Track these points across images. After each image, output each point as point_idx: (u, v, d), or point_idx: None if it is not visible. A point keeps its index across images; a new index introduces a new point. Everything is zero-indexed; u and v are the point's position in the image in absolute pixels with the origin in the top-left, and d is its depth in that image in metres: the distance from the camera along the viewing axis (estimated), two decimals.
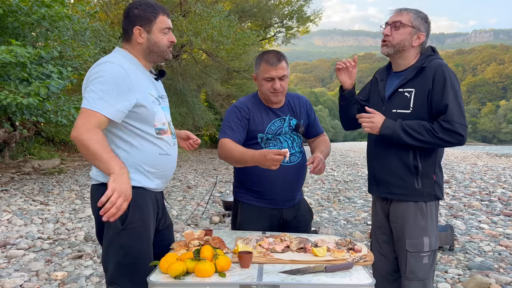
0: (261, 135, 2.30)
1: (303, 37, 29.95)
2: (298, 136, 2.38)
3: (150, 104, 1.82)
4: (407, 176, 2.03)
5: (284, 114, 2.35)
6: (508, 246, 4.74)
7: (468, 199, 7.94)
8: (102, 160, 1.63)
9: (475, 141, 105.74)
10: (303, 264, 1.66)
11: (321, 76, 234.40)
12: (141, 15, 1.84)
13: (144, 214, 1.81)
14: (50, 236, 4.76)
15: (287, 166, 2.29)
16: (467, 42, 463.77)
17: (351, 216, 6.45)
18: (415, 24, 2.03)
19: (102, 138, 1.66)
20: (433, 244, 2.05)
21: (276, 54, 2.25)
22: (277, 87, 2.22)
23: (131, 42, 1.88)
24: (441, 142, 1.92)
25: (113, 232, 1.76)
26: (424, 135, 1.92)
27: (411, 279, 2.04)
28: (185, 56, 17.88)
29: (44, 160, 9.51)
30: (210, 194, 6.72)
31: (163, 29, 1.87)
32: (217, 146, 2.36)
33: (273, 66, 2.20)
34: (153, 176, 1.86)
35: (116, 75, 1.72)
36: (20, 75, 5.81)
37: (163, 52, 1.90)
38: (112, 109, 1.69)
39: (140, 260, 1.77)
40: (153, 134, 1.84)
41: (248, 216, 2.33)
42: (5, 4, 6.23)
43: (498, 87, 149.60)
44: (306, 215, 2.47)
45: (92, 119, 1.66)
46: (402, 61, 2.09)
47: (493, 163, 17.93)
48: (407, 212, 2.05)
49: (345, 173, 12.95)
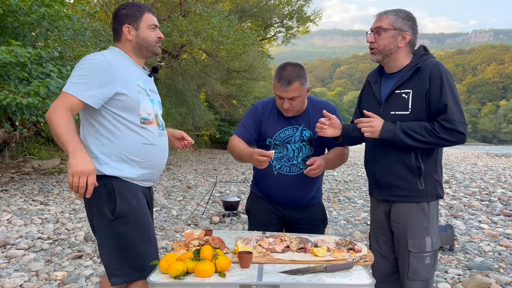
0: (269, 140, 2.33)
1: (303, 37, 29.94)
2: (307, 148, 2.33)
3: (134, 93, 1.89)
4: (410, 177, 2.01)
5: (298, 123, 2.32)
6: (508, 246, 4.74)
7: (468, 199, 7.94)
8: (61, 140, 1.73)
9: (475, 141, 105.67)
10: (303, 264, 1.66)
11: (321, 76, 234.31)
12: (128, 14, 1.97)
13: (133, 202, 1.87)
14: (50, 236, 4.76)
15: (285, 175, 2.31)
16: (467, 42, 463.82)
17: (351, 216, 6.44)
18: (396, 25, 2.00)
19: (68, 120, 1.75)
20: (435, 244, 2.04)
21: (290, 73, 2.16)
22: (286, 107, 2.22)
23: (121, 41, 2.00)
24: (442, 141, 1.91)
25: (104, 222, 1.82)
26: (425, 136, 1.90)
27: (414, 279, 2.03)
28: (185, 56, 17.88)
29: (44, 160, 9.51)
30: (210, 194, 6.72)
31: (149, 25, 2.00)
32: (217, 147, 2.41)
33: (282, 87, 2.17)
34: (137, 165, 1.91)
35: (96, 64, 1.83)
36: (20, 74, 5.80)
37: (152, 47, 2.01)
38: (86, 93, 1.79)
39: (135, 245, 1.82)
40: (137, 123, 1.90)
41: (256, 206, 2.45)
42: (5, 4, 6.23)
43: (498, 87, 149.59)
44: (316, 220, 2.44)
45: (65, 101, 1.78)
46: (394, 63, 2.07)
47: (493, 163, 17.93)
48: (410, 212, 2.04)
49: (345, 173, 12.95)
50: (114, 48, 2.02)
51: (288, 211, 2.39)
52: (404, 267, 2.06)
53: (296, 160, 2.31)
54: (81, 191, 1.71)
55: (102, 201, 1.83)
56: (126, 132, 1.88)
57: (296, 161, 2.31)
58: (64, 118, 1.74)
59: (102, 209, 1.83)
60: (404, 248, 2.05)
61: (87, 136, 1.90)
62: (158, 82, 16.00)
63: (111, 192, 1.83)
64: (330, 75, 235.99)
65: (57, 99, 1.80)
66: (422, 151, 2.01)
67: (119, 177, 1.86)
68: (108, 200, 1.83)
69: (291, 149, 2.31)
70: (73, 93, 1.78)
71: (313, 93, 2.54)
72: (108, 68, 1.83)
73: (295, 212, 2.39)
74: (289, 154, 2.30)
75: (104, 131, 1.87)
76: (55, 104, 1.78)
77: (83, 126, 1.92)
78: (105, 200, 1.83)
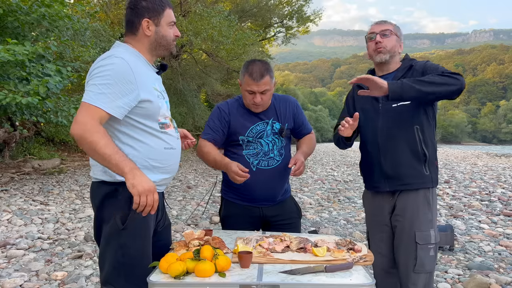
0: (241, 137, 2.35)
1: (303, 37, 29.94)
2: (280, 140, 2.38)
3: (155, 99, 1.79)
4: (417, 164, 2.13)
5: (267, 117, 2.37)
6: (508, 246, 4.74)
7: (468, 199, 7.94)
8: (110, 161, 1.61)
9: (475, 141, 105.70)
10: (303, 264, 1.66)
11: (321, 76, 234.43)
12: (150, 7, 1.81)
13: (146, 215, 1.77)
14: (50, 236, 4.76)
15: (265, 169, 2.34)
16: (467, 42, 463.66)
17: (351, 216, 6.45)
18: (398, 33, 2.21)
19: (108, 137, 1.64)
20: (437, 236, 2.16)
21: (260, 68, 2.24)
22: (258, 101, 2.26)
23: (136, 35, 1.83)
24: (447, 84, 1.97)
25: (112, 231, 1.73)
26: (431, 78, 1.98)
27: (420, 272, 2.10)
28: (185, 56, 17.89)
29: (44, 160, 9.52)
30: (210, 194, 6.71)
31: (169, 22, 1.86)
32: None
33: (255, 81, 2.22)
34: (158, 171, 1.83)
35: (119, 70, 1.67)
36: (19, 74, 5.80)
37: (169, 45, 1.88)
38: (112, 104, 1.65)
39: (138, 260, 1.75)
40: (157, 128, 1.81)
41: (230, 212, 2.44)
42: (5, 4, 6.23)
43: (498, 87, 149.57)
44: (292, 213, 2.48)
45: (93, 114, 1.63)
46: (391, 66, 2.22)
47: (493, 163, 17.94)
48: (416, 203, 2.13)
49: (345, 173, 12.95)
50: (125, 46, 1.83)
51: (264, 210, 2.40)
52: (410, 260, 2.10)
53: (272, 153, 2.35)
54: (148, 209, 1.64)
55: (117, 208, 1.74)
56: (149, 138, 1.79)
57: (272, 154, 2.35)
58: (105, 136, 1.61)
59: (115, 217, 1.74)
60: (410, 242, 2.11)
61: None
62: None
63: (127, 199, 1.72)
64: (330, 75, 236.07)
65: (81, 113, 1.63)
66: (425, 137, 2.12)
67: None
68: (122, 208, 1.73)
69: (265, 143, 2.35)
70: (99, 105, 1.63)
71: (313, 93, 2.56)
72: (130, 74, 1.69)
73: (271, 210, 2.40)
74: (264, 149, 2.34)
75: (127, 138, 1.76)
76: (83, 119, 1.61)
77: None
78: (120, 208, 1.74)
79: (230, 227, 2.40)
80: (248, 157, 2.34)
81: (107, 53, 1.77)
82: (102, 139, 1.60)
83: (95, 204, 1.80)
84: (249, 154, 2.34)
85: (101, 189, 1.77)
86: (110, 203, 1.74)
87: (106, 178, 1.75)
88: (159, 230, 1.96)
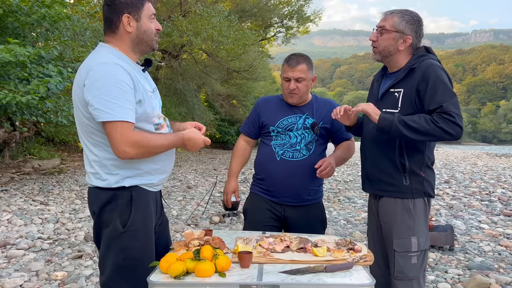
0: (272, 128, 2.40)
1: (303, 37, 29.92)
2: (310, 135, 2.38)
3: (149, 100, 1.75)
4: (394, 173, 2.05)
5: (302, 112, 2.40)
6: (508, 246, 4.74)
7: (468, 199, 7.94)
8: (169, 147, 1.76)
9: (475, 141, 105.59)
10: (303, 264, 1.66)
11: (321, 76, 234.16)
12: (129, 2, 1.71)
13: (145, 216, 1.78)
14: (50, 236, 4.76)
15: (288, 160, 2.34)
16: (467, 42, 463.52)
17: (351, 216, 6.45)
18: (399, 28, 2.01)
19: (149, 135, 1.70)
20: (422, 244, 2.04)
21: (298, 57, 2.33)
22: (292, 87, 2.30)
23: (117, 33, 1.74)
24: (440, 132, 1.86)
25: (113, 234, 1.71)
26: (423, 125, 1.87)
27: (400, 278, 2.04)
28: (185, 56, 17.89)
29: (44, 160, 9.51)
30: (210, 194, 6.72)
31: (150, 15, 1.77)
32: (217, 146, 2.44)
33: (290, 67, 2.30)
34: (155, 172, 1.82)
35: (119, 78, 1.63)
36: (20, 74, 5.80)
37: (151, 41, 1.80)
38: (131, 112, 1.65)
39: (139, 262, 1.73)
40: (153, 130, 1.78)
41: (252, 204, 2.49)
42: (5, 4, 6.23)
43: (498, 87, 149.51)
44: (315, 222, 2.44)
45: (128, 129, 1.63)
46: (394, 64, 2.11)
47: (493, 163, 17.93)
48: (395, 210, 2.06)
49: (345, 173, 12.95)
50: (108, 47, 1.74)
51: (287, 210, 2.39)
52: (391, 265, 2.08)
53: (299, 145, 2.36)
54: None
55: (117, 212, 1.71)
56: None
57: (299, 147, 2.36)
58: (147, 136, 1.68)
59: (115, 221, 1.71)
60: (390, 248, 2.07)
61: (104, 150, 1.71)
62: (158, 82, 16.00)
63: (128, 203, 1.72)
64: (330, 75, 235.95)
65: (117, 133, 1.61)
66: (408, 148, 2.02)
67: (138, 185, 1.76)
68: (122, 212, 1.71)
69: (293, 136, 2.37)
70: (125, 118, 1.62)
71: (313, 93, 2.59)
72: (128, 79, 1.65)
73: (294, 211, 2.38)
74: (291, 141, 2.36)
75: None
76: (126, 139, 1.61)
77: (96, 141, 1.71)
78: (120, 212, 1.71)
79: (251, 219, 2.46)
80: (274, 146, 2.38)
81: (96, 59, 1.69)
82: (151, 141, 1.69)
83: (94, 210, 1.77)
84: (276, 144, 2.38)
85: (99, 195, 1.74)
86: (110, 208, 1.72)
87: (103, 185, 1.72)
88: (156, 229, 1.95)
